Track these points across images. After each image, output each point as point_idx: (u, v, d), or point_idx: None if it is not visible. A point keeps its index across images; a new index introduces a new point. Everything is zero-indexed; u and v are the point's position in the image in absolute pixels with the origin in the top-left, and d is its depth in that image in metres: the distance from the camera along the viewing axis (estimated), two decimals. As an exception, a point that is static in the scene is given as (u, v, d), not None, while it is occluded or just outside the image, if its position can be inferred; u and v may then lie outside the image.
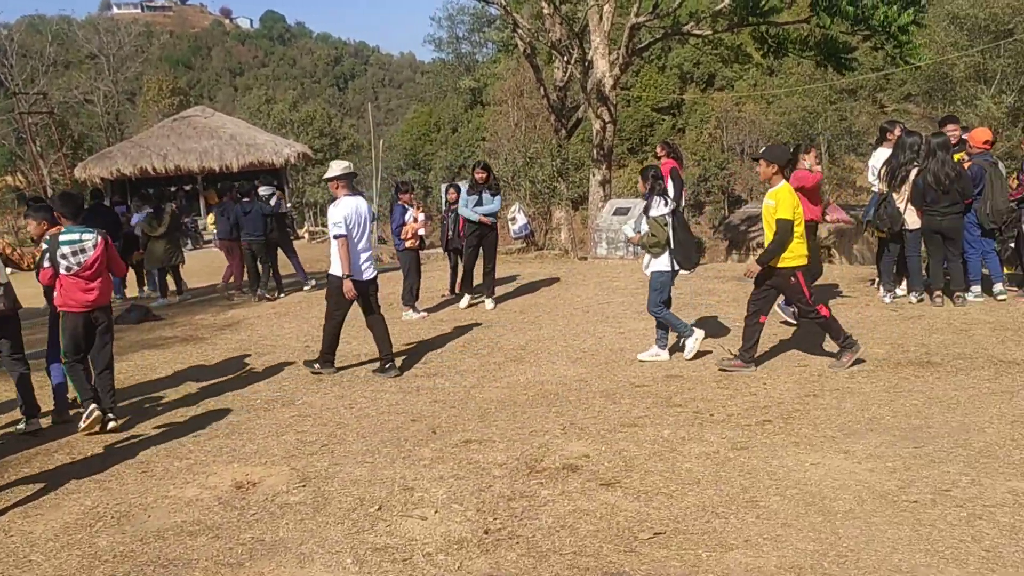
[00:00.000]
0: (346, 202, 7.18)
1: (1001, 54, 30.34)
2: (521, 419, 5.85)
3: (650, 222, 7.11)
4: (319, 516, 4.37)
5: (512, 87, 37.79)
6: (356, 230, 7.19)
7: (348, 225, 7.08)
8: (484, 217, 10.04)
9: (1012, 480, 4.30)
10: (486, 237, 10.20)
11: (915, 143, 8.48)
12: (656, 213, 7.07)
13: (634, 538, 3.93)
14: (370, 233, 7.42)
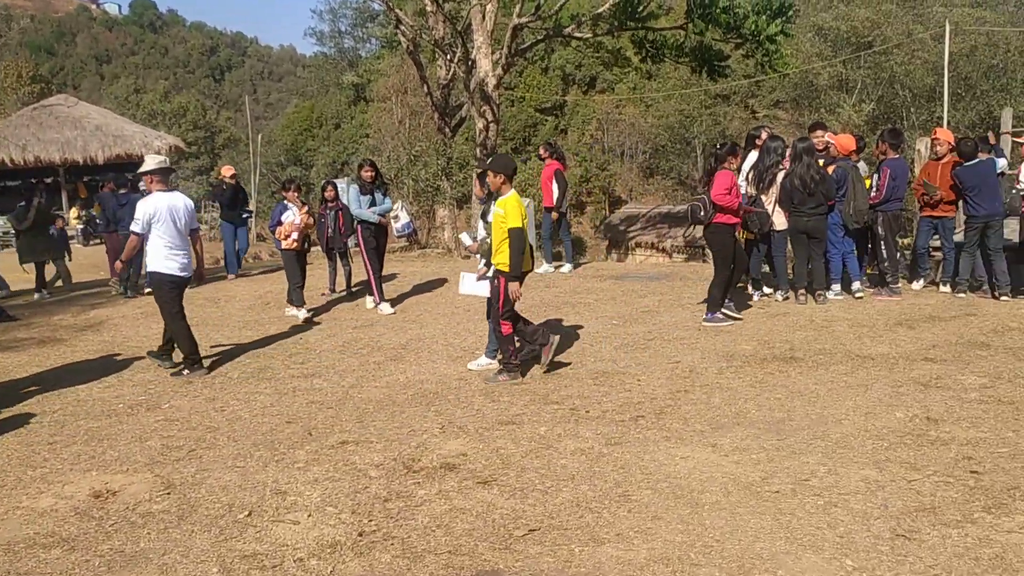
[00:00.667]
0: (156, 198, 7.10)
1: (861, 65, 32.13)
2: (400, 419, 5.79)
3: (489, 228, 6.87)
4: (184, 524, 4.20)
5: (396, 84, 37.46)
6: (163, 226, 7.07)
7: (150, 222, 7.01)
8: (381, 217, 9.86)
9: (865, 469, 4.55)
10: (382, 237, 10.00)
11: (778, 147, 8.90)
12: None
13: (509, 535, 3.95)
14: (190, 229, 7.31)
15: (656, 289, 10.53)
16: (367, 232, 9.87)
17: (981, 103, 29.71)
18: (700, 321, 8.35)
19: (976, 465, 4.52)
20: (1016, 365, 6.42)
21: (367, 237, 9.86)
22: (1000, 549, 3.61)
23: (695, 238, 23.40)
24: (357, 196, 9.90)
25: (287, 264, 9.63)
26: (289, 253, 9.60)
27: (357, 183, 10.10)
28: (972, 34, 29.69)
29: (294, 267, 9.57)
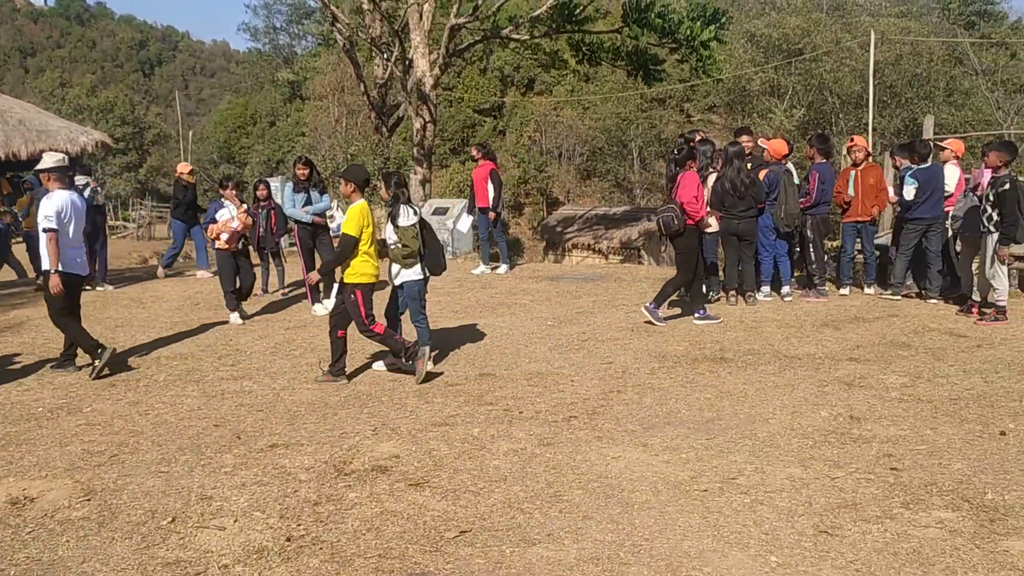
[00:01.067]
0: (59, 195, 7.02)
1: (792, 72, 32.89)
2: (332, 421, 5.72)
3: (400, 232, 6.87)
4: (104, 532, 4.07)
5: (332, 82, 37.07)
6: (70, 225, 7.00)
7: (62, 219, 6.90)
8: (317, 217, 9.61)
9: (790, 467, 4.65)
10: (319, 237, 9.73)
11: (707, 151, 9.09)
12: (405, 223, 6.86)
13: (440, 537, 3.93)
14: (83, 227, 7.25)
15: (591, 290, 10.61)
16: (303, 232, 9.66)
17: (905, 110, 30.68)
18: (638, 319, 8.44)
19: (896, 462, 4.66)
20: (935, 365, 6.63)
21: (303, 237, 9.64)
22: (917, 544, 3.72)
23: (631, 240, 23.66)
24: (291, 195, 9.66)
25: (221, 265, 9.21)
26: (223, 254, 9.21)
27: (292, 181, 9.87)
28: (897, 43, 30.65)
29: (228, 269, 9.12)
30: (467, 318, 9.10)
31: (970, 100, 32.70)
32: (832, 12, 34.87)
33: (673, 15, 16.13)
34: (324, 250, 9.69)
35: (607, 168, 41.62)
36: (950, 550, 3.65)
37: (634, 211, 26.89)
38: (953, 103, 31.95)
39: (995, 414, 5.43)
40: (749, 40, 33.81)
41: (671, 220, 8.14)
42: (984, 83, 33.52)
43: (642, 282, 11.01)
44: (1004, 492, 4.21)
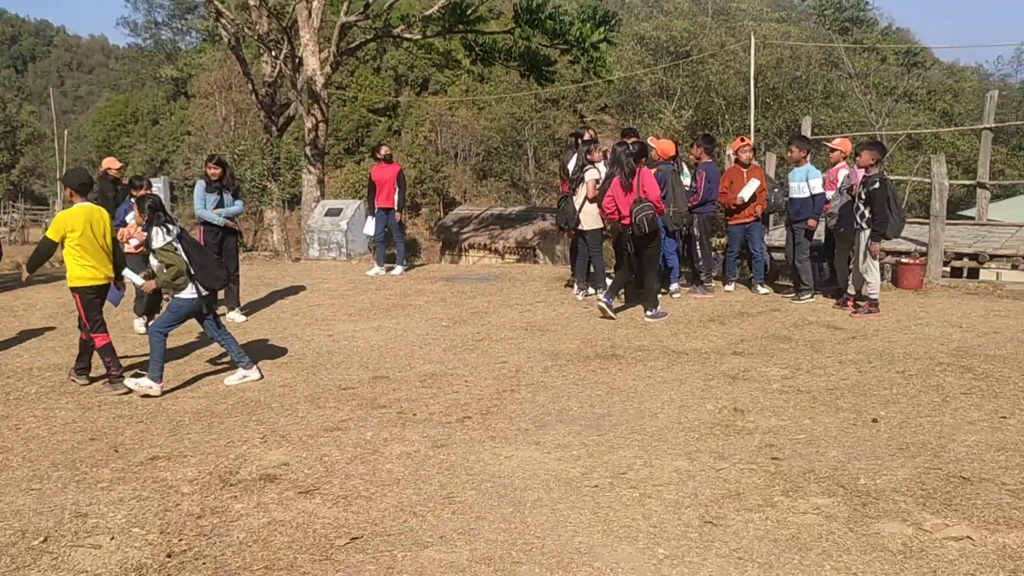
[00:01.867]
0: None
1: (680, 74, 33.82)
2: (218, 430, 5.54)
3: (159, 255, 6.50)
4: (-31, 555, 3.83)
5: (219, 79, 35.98)
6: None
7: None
8: (229, 220, 9.05)
9: (678, 460, 4.77)
10: (226, 242, 9.14)
11: (588, 149, 9.29)
12: (160, 243, 6.49)
13: (330, 545, 3.86)
14: None
15: (486, 290, 10.63)
16: (208, 235, 9.02)
17: (787, 112, 31.98)
18: (532, 318, 8.51)
19: (776, 452, 4.84)
20: (814, 357, 6.92)
21: (208, 241, 8.97)
22: (796, 530, 3.87)
23: (526, 239, 23.83)
24: (202, 194, 9.02)
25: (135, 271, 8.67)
26: (135, 258, 8.34)
27: (203, 179, 9.18)
28: (778, 47, 31.89)
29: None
30: (361, 320, 8.98)
31: (846, 102, 34.36)
32: (717, 16, 36.02)
33: (564, 17, 16.35)
34: (229, 257, 9.12)
35: (503, 168, 41.85)
36: (826, 534, 3.81)
37: (529, 210, 27.09)
38: (830, 105, 33.49)
39: (868, 402, 5.70)
40: (638, 42, 34.60)
41: (652, 218, 8.29)
42: (858, 86, 35.26)
43: (536, 281, 11.10)
44: (876, 477, 4.42)
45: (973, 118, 32.51)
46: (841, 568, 3.51)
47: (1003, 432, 5.03)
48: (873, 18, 48.97)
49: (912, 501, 4.11)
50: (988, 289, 9.71)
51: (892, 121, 33.95)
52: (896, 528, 3.84)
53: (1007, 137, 34.68)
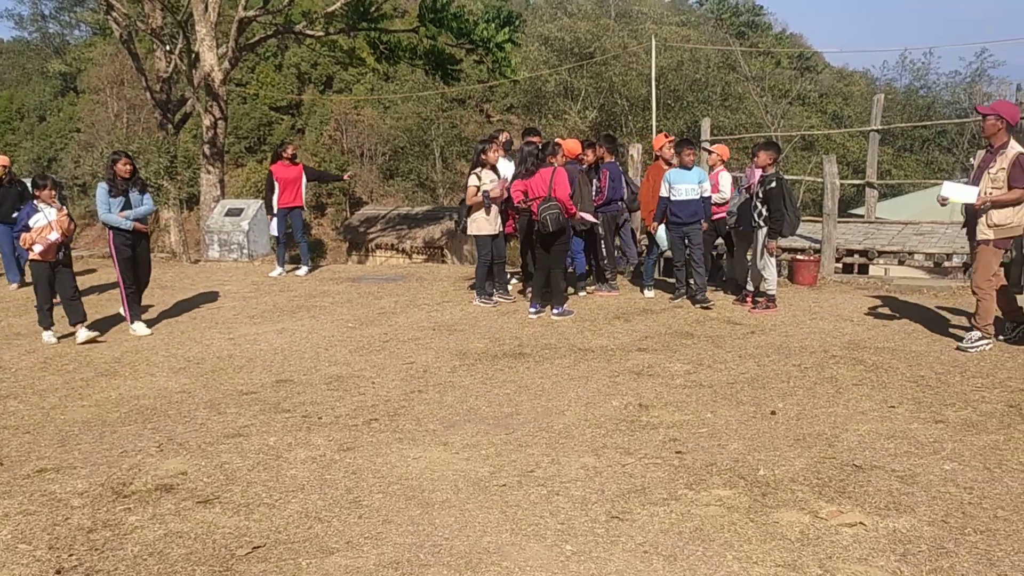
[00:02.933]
0: None
1: (584, 75, 34.27)
2: (110, 440, 5.31)
3: None
4: None
5: (111, 75, 34.61)
6: None
7: None
8: (138, 223, 8.39)
9: (584, 456, 4.81)
10: (139, 248, 8.53)
11: (482, 149, 9.26)
12: None
13: (231, 556, 3.74)
14: None
15: (393, 291, 10.52)
16: (120, 239, 8.37)
17: (688, 113, 32.79)
18: (439, 317, 8.46)
19: (680, 446, 4.93)
20: (715, 352, 7.10)
21: (120, 245, 8.36)
22: (699, 522, 3.95)
23: (434, 239, 23.74)
24: (105, 197, 8.29)
25: (36, 278, 8.03)
26: (39, 265, 7.96)
27: (108, 179, 8.38)
28: (678, 50, 32.66)
29: (44, 283, 7.98)
30: (263, 323, 8.76)
31: (743, 104, 35.44)
32: (619, 18, 36.64)
33: (469, 16, 16.36)
34: (143, 267, 8.58)
35: (410, 168, 41.58)
36: (728, 525, 3.90)
37: (437, 210, 27.00)
38: (728, 107, 34.50)
39: (767, 395, 5.87)
40: (543, 43, 34.92)
41: (557, 217, 8.29)
42: (755, 89, 36.41)
43: (443, 281, 11.05)
44: (774, 468, 4.56)
45: (862, 120, 34.03)
46: (742, 557, 3.60)
47: (892, 421, 5.26)
48: (768, 23, 50.75)
49: (809, 490, 4.25)
50: (877, 284, 10.14)
51: (787, 123, 35.21)
52: (794, 517, 3.96)
53: (893, 139, 36.40)
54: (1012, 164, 6.51)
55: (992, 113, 6.70)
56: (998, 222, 6.62)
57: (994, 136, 6.68)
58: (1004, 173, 6.55)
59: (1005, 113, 6.65)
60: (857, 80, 47.02)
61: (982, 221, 6.68)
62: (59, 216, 7.95)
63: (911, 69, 40.54)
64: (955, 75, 40.35)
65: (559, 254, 8.63)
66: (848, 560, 3.55)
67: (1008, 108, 6.75)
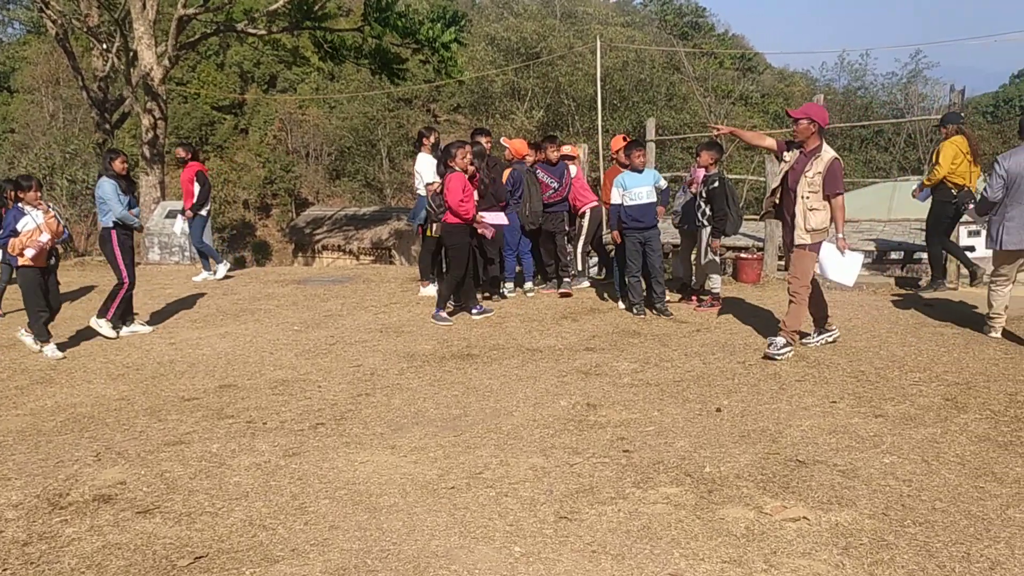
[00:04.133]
0: None
1: (531, 75, 34.35)
2: (45, 449, 5.15)
3: None
4: None
5: (46, 74, 33.67)
6: None
7: None
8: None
9: (533, 457, 4.80)
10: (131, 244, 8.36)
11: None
12: None
13: (172, 566, 3.65)
14: None
15: (339, 292, 10.41)
16: (123, 238, 8.18)
17: (633, 113, 33.06)
18: (387, 320, 8.39)
19: (628, 444, 4.96)
20: (661, 350, 7.16)
21: (125, 244, 8.21)
22: (647, 520, 3.97)
23: (382, 240, 23.58)
24: (116, 193, 8.07)
25: (26, 286, 7.59)
26: (30, 271, 7.56)
27: (111, 177, 8.16)
28: (624, 50, 32.92)
29: (36, 290, 7.59)
30: (206, 327, 8.60)
31: (687, 104, 35.88)
32: (565, 19, 36.79)
33: (414, 16, 16.29)
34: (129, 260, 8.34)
35: (356, 168, 41.25)
36: (675, 522, 3.93)
37: (384, 211, 26.83)
38: (673, 107, 34.88)
39: (712, 392, 5.94)
40: (490, 43, 34.90)
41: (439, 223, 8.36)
42: (698, 89, 36.89)
43: (391, 282, 10.97)
44: (720, 464, 4.61)
45: (802, 121, 34.63)
46: (689, 554, 3.63)
47: (833, 416, 5.36)
48: (711, 24, 51.44)
49: (754, 486, 4.30)
50: (818, 281, 10.32)
51: (730, 122, 35.69)
52: (739, 513, 4.00)
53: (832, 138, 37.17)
54: (828, 169, 6.54)
55: (804, 116, 6.66)
56: (815, 227, 6.65)
57: (808, 139, 6.66)
58: (820, 177, 6.56)
59: (817, 116, 6.64)
60: (797, 81, 47.90)
61: (800, 226, 6.68)
62: (46, 218, 7.59)
63: (849, 70, 41.43)
64: (891, 76, 41.33)
65: (452, 259, 8.59)
66: (792, 554, 3.60)
67: (818, 111, 6.74)
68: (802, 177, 6.65)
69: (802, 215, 6.67)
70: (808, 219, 6.65)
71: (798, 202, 6.68)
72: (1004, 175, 6.95)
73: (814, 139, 6.66)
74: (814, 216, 6.63)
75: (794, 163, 6.77)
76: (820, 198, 6.61)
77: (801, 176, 6.66)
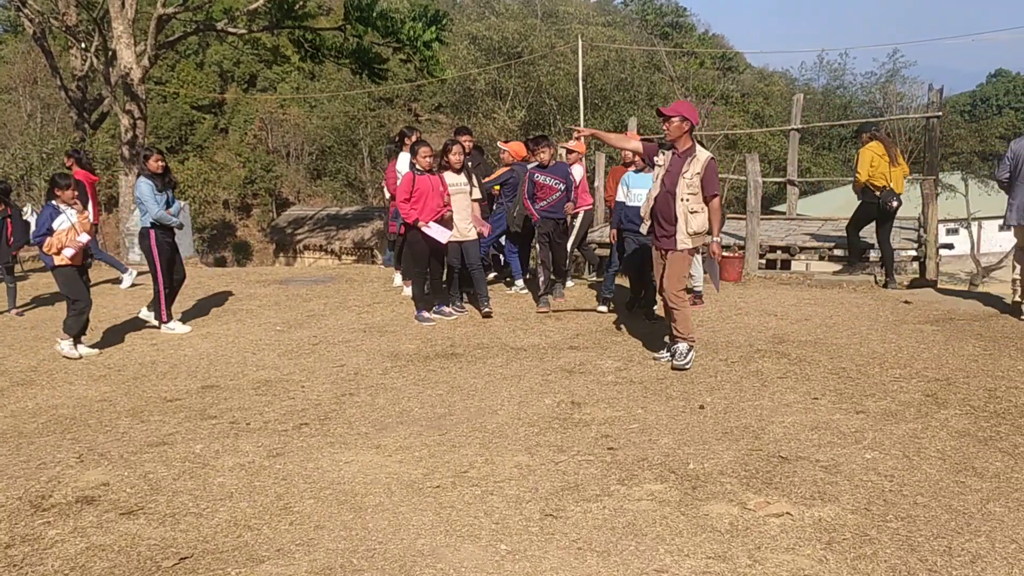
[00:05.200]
0: None
1: (513, 74, 34.33)
2: (27, 451, 5.11)
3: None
4: None
5: (23, 73, 33.36)
6: None
7: None
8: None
9: (518, 455, 4.81)
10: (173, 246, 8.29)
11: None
12: None
13: (157, 567, 3.63)
14: None
15: (322, 292, 10.38)
16: (162, 238, 8.14)
17: (615, 112, 33.12)
18: (371, 319, 8.38)
19: (612, 442, 4.98)
20: (644, 349, 7.19)
21: (162, 244, 8.14)
22: (632, 516, 3.99)
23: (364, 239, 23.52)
24: (152, 193, 7.98)
25: (68, 284, 7.49)
26: (69, 271, 7.48)
27: (147, 176, 8.06)
28: (605, 50, 32.99)
29: (80, 285, 7.50)
30: (188, 327, 8.54)
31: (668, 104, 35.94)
32: (546, 18, 36.81)
33: (395, 15, 16.26)
34: (178, 266, 8.36)
35: (338, 167, 41.14)
36: (660, 519, 3.95)
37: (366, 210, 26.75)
38: (654, 106, 34.87)
39: (695, 390, 5.98)
40: (471, 42, 34.86)
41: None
42: (679, 88, 37.03)
43: (374, 282, 10.94)
44: (704, 461, 4.64)
45: (782, 119, 34.92)
46: (674, 550, 3.65)
47: (815, 412, 5.41)
48: (691, 24, 51.67)
49: (737, 482, 4.34)
50: (799, 279, 10.42)
51: (711, 122, 35.91)
52: (723, 508, 4.03)
53: (812, 137, 37.50)
54: (706, 169, 6.33)
55: (676, 115, 6.41)
56: (697, 229, 6.43)
57: (680, 139, 6.43)
58: (699, 178, 6.32)
59: (688, 114, 6.44)
60: (777, 80, 48.26)
61: (681, 229, 6.39)
62: (80, 218, 7.55)
63: (828, 69, 41.80)
64: (870, 75, 41.74)
65: (408, 255, 8.65)
66: (776, 550, 3.63)
67: (689, 109, 6.55)
68: (680, 179, 6.35)
69: (684, 218, 6.36)
70: (689, 222, 6.36)
71: (678, 204, 6.36)
72: (1010, 157, 7.65)
73: (686, 139, 6.42)
74: (695, 219, 6.37)
75: (668, 165, 6.49)
76: (700, 200, 6.36)
77: (679, 177, 6.35)
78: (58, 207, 7.50)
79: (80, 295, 7.52)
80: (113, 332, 8.43)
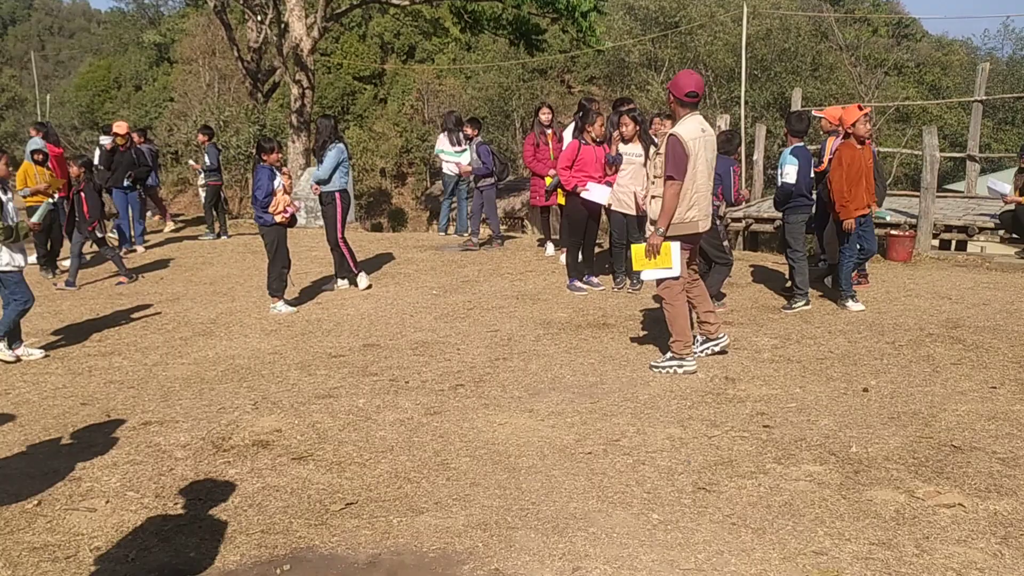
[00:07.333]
0: None
1: (669, 45, 33.59)
2: (208, 396, 5.52)
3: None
4: (-39, 519, 3.81)
5: (203, 45, 35.48)
6: None
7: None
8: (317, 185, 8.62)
9: (670, 427, 4.78)
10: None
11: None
12: None
13: (325, 510, 3.86)
14: None
15: (476, 259, 10.59)
16: (345, 202, 8.70)
17: (775, 84, 31.83)
18: (523, 287, 8.50)
19: (768, 420, 4.86)
20: (803, 327, 6.95)
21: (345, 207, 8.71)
22: (789, 496, 3.89)
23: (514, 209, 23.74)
24: (338, 157, 8.46)
25: (277, 244, 7.92)
26: (279, 230, 7.92)
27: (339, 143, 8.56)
28: (768, 18, 31.69)
29: (285, 246, 7.98)
30: (349, 289, 8.93)
31: (834, 74, 34.21)
32: (707, -14, 35.63)
33: (554, -16, 16.17)
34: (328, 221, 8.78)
35: (490, 138, 41.56)
36: (819, 501, 3.84)
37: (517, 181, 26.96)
38: (819, 77, 33.35)
39: (858, 372, 5.73)
40: (627, 12, 34.31)
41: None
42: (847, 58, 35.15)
43: (527, 250, 11.07)
44: (867, 445, 4.45)
45: (960, 91, 32.55)
46: (834, 533, 3.54)
47: (993, 402, 5.08)
48: (863, -12, 48.70)
49: (904, 469, 4.15)
50: (976, 262, 9.76)
51: (881, 93, 33.94)
52: (888, 495, 3.87)
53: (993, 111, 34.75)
54: (665, 147, 5.55)
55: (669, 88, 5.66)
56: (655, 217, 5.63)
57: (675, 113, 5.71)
58: (661, 158, 5.57)
59: (671, 86, 5.64)
60: (957, 49, 44.88)
61: (648, 217, 5.74)
62: (284, 180, 8.00)
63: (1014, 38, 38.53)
64: (1064, 44, 38.19)
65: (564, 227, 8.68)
66: (946, 541, 3.45)
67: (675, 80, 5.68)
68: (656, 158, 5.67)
69: (648, 204, 5.74)
70: (652, 207, 5.65)
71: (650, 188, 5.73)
72: None
73: (676, 113, 5.67)
74: (657, 204, 5.61)
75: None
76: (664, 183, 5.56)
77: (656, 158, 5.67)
78: (271, 169, 7.85)
79: (283, 257, 7.93)
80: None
